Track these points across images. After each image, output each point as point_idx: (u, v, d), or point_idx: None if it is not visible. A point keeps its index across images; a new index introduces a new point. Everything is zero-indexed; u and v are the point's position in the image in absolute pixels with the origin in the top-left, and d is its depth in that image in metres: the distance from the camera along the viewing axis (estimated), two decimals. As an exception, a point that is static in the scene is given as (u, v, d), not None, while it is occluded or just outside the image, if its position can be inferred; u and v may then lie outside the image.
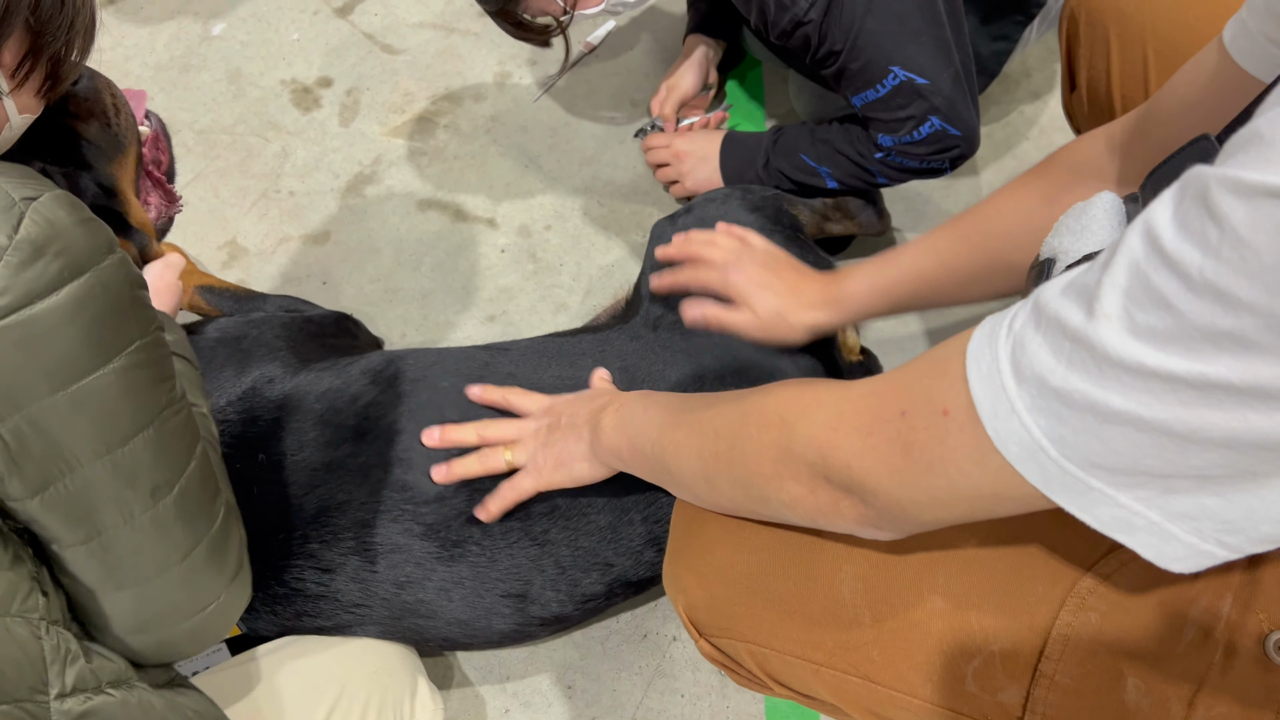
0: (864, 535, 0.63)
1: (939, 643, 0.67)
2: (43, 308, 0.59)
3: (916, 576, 0.68)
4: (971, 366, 0.50)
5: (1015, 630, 0.65)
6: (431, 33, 1.73)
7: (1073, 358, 0.44)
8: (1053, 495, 0.49)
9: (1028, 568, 0.66)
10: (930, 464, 0.54)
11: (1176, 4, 0.94)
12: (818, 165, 1.27)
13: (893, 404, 0.56)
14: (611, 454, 0.85)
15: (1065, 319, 0.45)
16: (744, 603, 0.73)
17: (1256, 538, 0.46)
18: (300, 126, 1.62)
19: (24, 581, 0.66)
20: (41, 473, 0.63)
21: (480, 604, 0.97)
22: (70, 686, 0.66)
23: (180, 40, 1.73)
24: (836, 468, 0.60)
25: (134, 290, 0.65)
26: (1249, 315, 0.38)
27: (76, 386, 0.61)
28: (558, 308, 1.42)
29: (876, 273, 0.95)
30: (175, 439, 0.69)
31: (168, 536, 0.70)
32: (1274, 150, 0.37)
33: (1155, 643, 0.62)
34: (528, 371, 1.05)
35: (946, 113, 1.13)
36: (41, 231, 0.58)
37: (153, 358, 0.66)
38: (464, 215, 1.51)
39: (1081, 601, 0.64)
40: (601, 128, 1.60)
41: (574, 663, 1.14)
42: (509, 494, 0.93)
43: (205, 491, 0.73)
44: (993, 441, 0.49)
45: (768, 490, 0.66)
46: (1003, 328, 0.49)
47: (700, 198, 1.21)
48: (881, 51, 1.12)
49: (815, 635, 0.70)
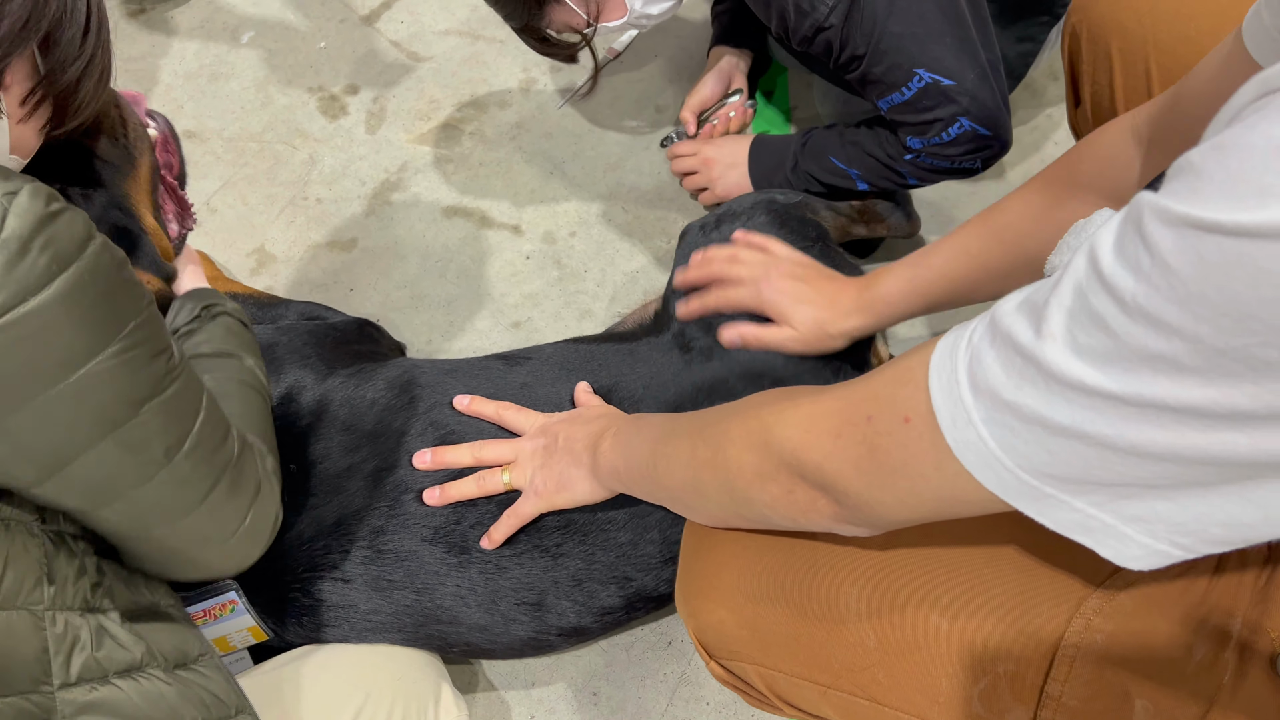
0: (842, 532, 0.65)
1: (945, 664, 0.67)
2: (37, 303, 0.59)
3: (921, 598, 0.69)
4: (933, 376, 0.52)
5: (1022, 650, 0.65)
6: (457, 40, 1.74)
7: (1023, 373, 0.46)
8: (1010, 500, 0.50)
9: (1032, 587, 0.66)
10: (894, 468, 0.56)
11: (1177, 16, 0.93)
12: (847, 168, 1.26)
13: (860, 409, 0.58)
14: (611, 475, 0.87)
15: (1016, 336, 0.47)
16: (750, 626, 0.74)
17: (1208, 539, 0.47)
18: (327, 134, 1.64)
19: (31, 570, 0.68)
20: (52, 458, 0.65)
21: (497, 610, 0.98)
22: (75, 676, 0.67)
23: (209, 49, 1.76)
24: (810, 468, 0.62)
25: (121, 272, 0.66)
26: (1179, 340, 0.39)
27: (79, 374, 0.63)
28: (582, 314, 1.43)
29: (910, 276, 0.95)
30: (180, 400, 0.71)
31: (186, 485, 0.74)
32: (1200, 182, 0.38)
33: (1164, 662, 0.63)
34: (545, 385, 1.06)
35: (976, 113, 1.12)
36: (25, 226, 0.59)
37: (149, 333, 0.67)
38: (489, 222, 1.53)
39: (1088, 622, 0.64)
40: (626, 134, 1.60)
41: (598, 670, 1.15)
42: (512, 521, 0.95)
43: (216, 436, 0.76)
44: (951, 449, 0.51)
45: (750, 492, 0.68)
46: (963, 340, 0.51)
47: (727, 205, 1.21)
48: (905, 54, 1.11)
49: (822, 657, 0.71)
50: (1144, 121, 0.78)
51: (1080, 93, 1.05)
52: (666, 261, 1.46)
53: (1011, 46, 1.31)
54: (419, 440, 1.00)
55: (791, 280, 1.02)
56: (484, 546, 0.96)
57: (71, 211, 0.63)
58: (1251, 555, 0.63)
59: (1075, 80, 1.06)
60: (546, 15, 1.23)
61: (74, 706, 0.67)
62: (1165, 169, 0.74)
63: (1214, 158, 0.38)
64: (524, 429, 0.98)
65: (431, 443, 0.99)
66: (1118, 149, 0.79)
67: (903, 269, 0.96)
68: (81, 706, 0.67)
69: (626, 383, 1.06)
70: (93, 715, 0.67)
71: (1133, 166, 0.78)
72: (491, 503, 0.97)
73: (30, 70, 0.72)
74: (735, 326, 1.04)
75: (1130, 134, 0.79)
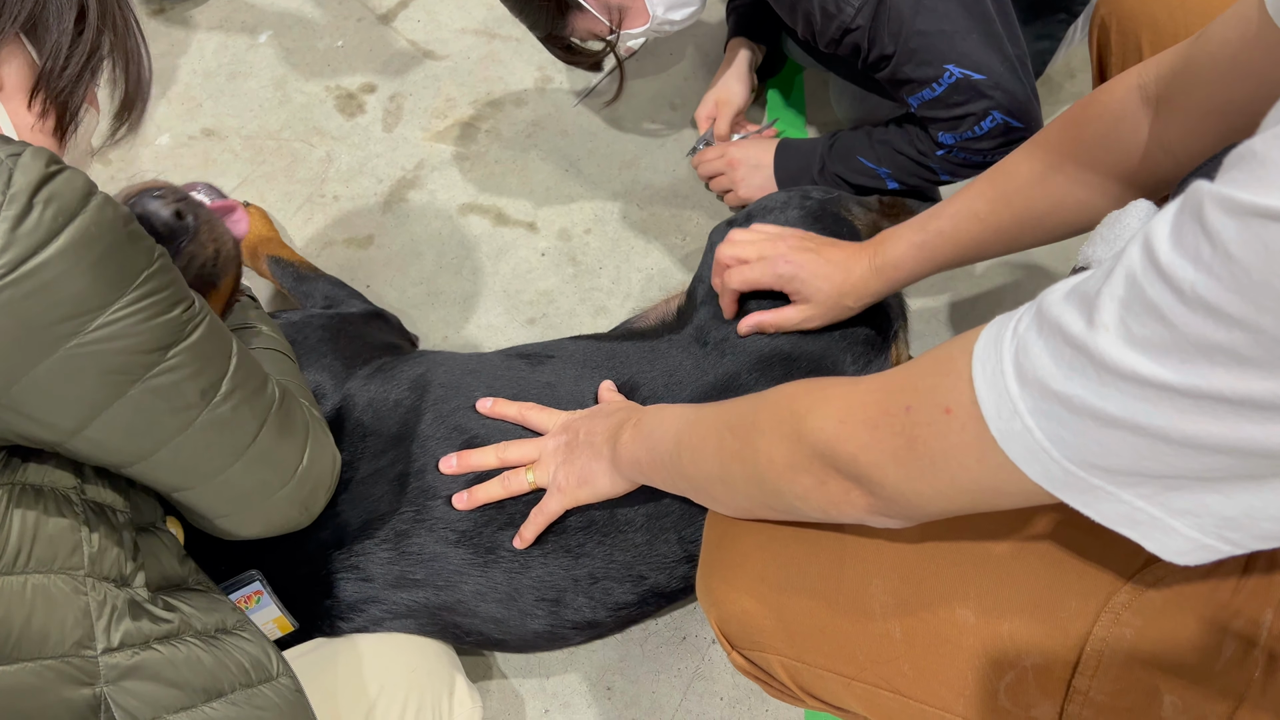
0: (875, 524, 0.65)
1: (971, 657, 0.66)
2: (47, 255, 0.61)
3: (948, 590, 0.68)
4: (977, 367, 0.51)
5: (1049, 645, 0.65)
6: (474, 39, 1.75)
7: (1073, 364, 0.45)
8: (1056, 492, 0.50)
9: (1060, 581, 0.66)
10: (933, 459, 0.55)
11: (1209, 11, 0.92)
12: (877, 167, 1.26)
13: (899, 399, 0.57)
14: (632, 466, 0.86)
15: (1066, 326, 0.46)
16: (775, 616, 0.74)
17: (1258, 534, 0.46)
18: (345, 132, 1.65)
19: (67, 536, 0.70)
20: (86, 407, 0.67)
21: (515, 605, 0.98)
22: (118, 641, 0.69)
23: (228, 48, 1.77)
24: (845, 459, 0.61)
25: (127, 225, 0.68)
26: (1239, 331, 0.39)
27: (98, 323, 0.65)
28: (597, 311, 1.43)
29: (919, 241, 0.95)
30: (206, 345, 0.73)
31: (231, 429, 0.76)
32: (1266, 170, 0.38)
33: (1193, 658, 0.62)
34: (568, 383, 1.06)
35: (1007, 105, 1.12)
36: (30, 182, 0.61)
37: (165, 281, 0.69)
38: (505, 219, 1.53)
39: (1116, 616, 0.63)
40: (641, 133, 1.61)
41: (613, 664, 1.16)
42: (539, 519, 0.95)
43: (255, 379, 0.79)
44: (996, 441, 0.50)
45: (781, 484, 0.67)
46: (1008, 330, 0.50)
47: (758, 203, 1.20)
48: (934, 51, 1.11)
49: (846, 649, 0.71)
50: (1152, 80, 0.77)
51: None
52: (682, 259, 1.47)
53: (1031, 44, 1.31)
54: (444, 445, 1.00)
55: (802, 252, 1.01)
56: (516, 546, 0.96)
57: (71, 170, 0.65)
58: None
59: (1103, 72, 1.05)
60: (569, 23, 1.24)
61: (117, 671, 0.68)
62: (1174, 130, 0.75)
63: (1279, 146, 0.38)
64: (547, 428, 0.98)
65: (456, 447, 1.00)
66: (1125, 108, 0.79)
67: (910, 233, 0.96)
68: (125, 671, 0.69)
69: (648, 380, 1.06)
70: (135, 680, 0.69)
71: (1140, 126, 0.78)
72: (519, 502, 0.97)
73: (28, 66, 0.73)
74: (750, 317, 1.04)
75: (1138, 92, 0.78)
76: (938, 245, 0.94)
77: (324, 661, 0.94)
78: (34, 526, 0.68)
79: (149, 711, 0.68)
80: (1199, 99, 0.72)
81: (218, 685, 0.73)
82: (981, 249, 0.93)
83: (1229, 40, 0.68)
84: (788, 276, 1.00)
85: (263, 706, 0.74)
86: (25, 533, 0.67)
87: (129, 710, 0.68)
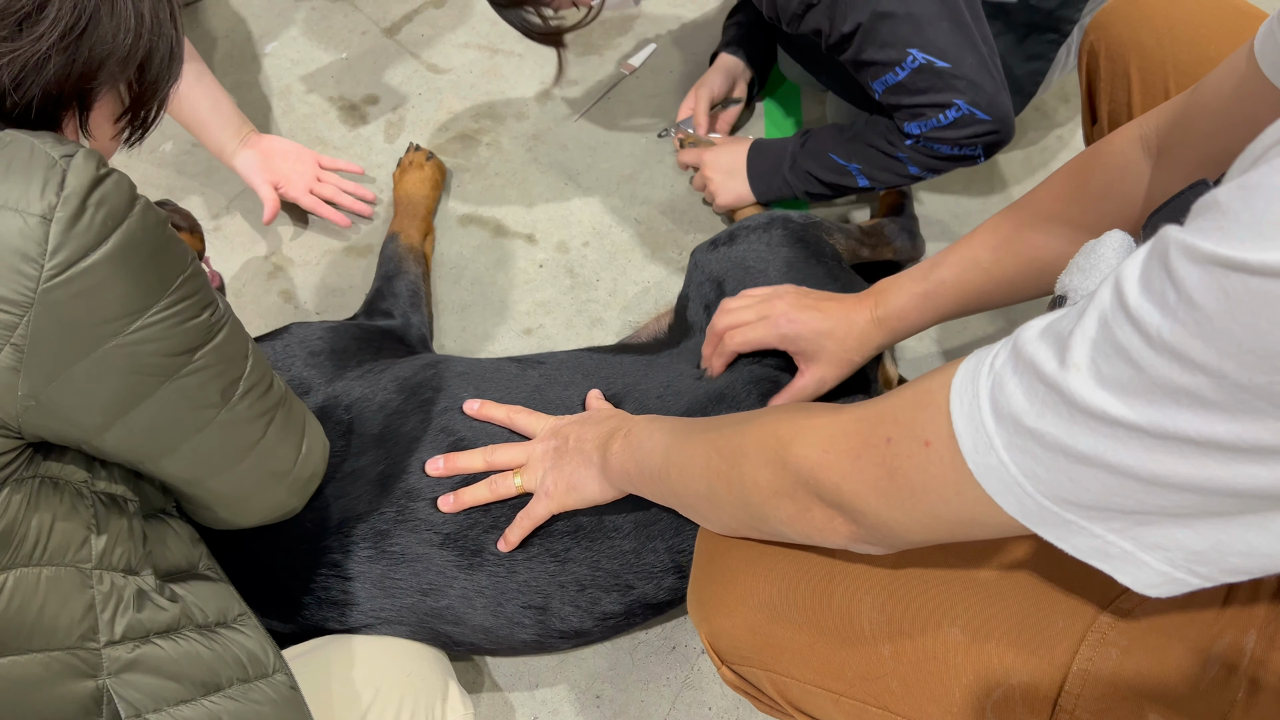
0: (858, 550, 0.65)
1: (959, 675, 0.67)
2: (96, 258, 0.63)
3: (936, 608, 0.69)
4: (955, 401, 0.52)
5: (1035, 664, 0.66)
6: (476, 53, 1.77)
7: (1045, 401, 0.46)
8: (1031, 525, 0.51)
9: (1047, 601, 0.67)
10: (913, 490, 0.56)
11: (1196, 38, 0.93)
12: (847, 163, 1.25)
13: (880, 431, 0.58)
14: (621, 476, 0.87)
15: (1039, 364, 0.47)
16: (765, 631, 0.74)
17: (1226, 568, 0.47)
18: (347, 142, 1.66)
19: (78, 530, 0.71)
20: (115, 405, 0.69)
21: (502, 613, 0.99)
22: (120, 634, 0.71)
23: (233, 58, 1.79)
24: (828, 488, 0.62)
25: (165, 230, 0.69)
26: (1203, 375, 0.40)
27: (135, 326, 0.67)
28: (594, 323, 1.45)
29: (922, 291, 0.95)
30: (229, 346, 0.75)
31: (245, 425, 0.79)
32: (1227, 220, 0.39)
33: (1177, 680, 0.63)
34: (557, 388, 1.07)
35: (973, 96, 1.10)
36: (83, 183, 0.63)
37: (196, 286, 0.71)
38: (504, 230, 1.55)
39: (1102, 636, 0.64)
40: (640, 147, 1.62)
41: (602, 672, 1.16)
42: (525, 522, 0.96)
43: (265, 379, 0.82)
44: (973, 474, 0.51)
45: (765, 509, 0.68)
46: (985, 365, 0.51)
47: (741, 224, 1.21)
48: (897, 34, 1.10)
49: (835, 665, 0.71)
50: (1152, 131, 0.78)
51: (1097, 110, 1.05)
52: (678, 271, 1.48)
53: (1021, 65, 1.32)
54: (430, 448, 1.00)
55: (803, 310, 1.00)
56: (500, 549, 0.97)
57: (119, 174, 0.66)
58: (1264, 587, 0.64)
59: (1092, 98, 1.06)
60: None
61: (119, 663, 0.69)
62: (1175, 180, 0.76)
63: (1240, 197, 0.39)
64: (535, 432, 0.99)
65: (443, 449, 1.00)
66: (1128, 159, 0.80)
67: (911, 284, 0.96)
68: (126, 663, 0.70)
69: (639, 392, 1.07)
70: (136, 672, 0.70)
71: (1144, 176, 0.79)
72: (505, 506, 0.98)
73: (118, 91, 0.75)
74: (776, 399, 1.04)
75: (1139, 144, 0.79)
76: (941, 295, 0.94)
77: (320, 663, 0.95)
78: (50, 519, 0.69)
79: (150, 704, 0.70)
80: (1197, 148, 0.74)
81: (215, 679, 0.75)
82: (984, 299, 0.93)
83: (1223, 91, 0.70)
84: (791, 336, 0.99)
85: (259, 701, 0.76)
86: (44, 526, 0.69)
87: (131, 702, 0.69)
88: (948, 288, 0.93)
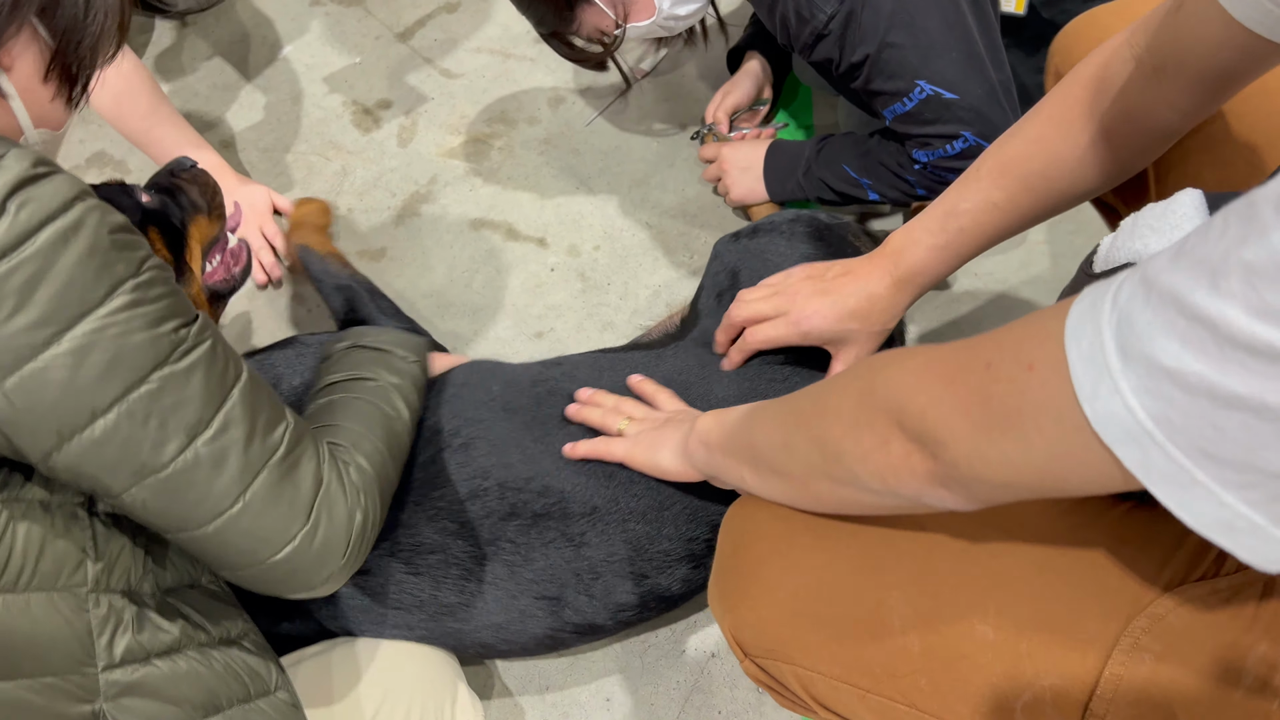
0: (930, 500, 0.60)
1: (988, 675, 0.65)
2: (17, 260, 0.59)
3: (967, 605, 0.67)
4: (1071, 345, 0.46)
5: (1067, 667, 0.64)
6: (489, 58, 1.77)
7: (1188, 336, 0.40)
8: (1151, 484, 0.44)
9: (1080, 601, 0.65)
10: (1007, 415, 0.51)
11: None
12: (859, 177, 1.26)
13: (980, 356, 0.54)
14: (701, 440, 0.86)
15: (1181, 294, 0.40)
16: (791, 625, 0.73)
17: None
18: (360, 146, 1.67)
19: (72, 553, 0.68)
20: (61, 423, 0.63)
21: (515, 605, 0.98)
22: (119, 658, 0.68)
23: (248, 62, 1.79)
24: (913, 414, 0.58)
25: (114, 234, 0.64)
26: None
27: (71, 334, 0.61)
28: (604, 326, 1.45)
29: (940, 243, 0.93)
30: (199, 374, 0.68)
31: (218, 472, 0.68)
32: None
33: (1210, 689, 0.61)
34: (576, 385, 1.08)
35: (979, 128, 1.10)
36: (5, 184, 0.59)
37: (150, 295, 0.65)
38: (516, 234, 1.55)
39: (1135, 641, 0.62)
40: (652, 151, 1.62)
41: (612, 676, 1.16)
42: (600, 446, 0.98)
43: (256, 423, 0.71)
44: (1090, 422, 0.45)
45: (843, 444, 0.64)
46: (1106, 300, 0.45)
47: (766, 220, 1.21)
48: (906, 65, 1.10)
49: (863, 661, 0.70)
50: (1144, 50, 0.76)
51: None
52: (690, 276, 1.48)
53: (1031, 77, 1.32)
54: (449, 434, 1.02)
55: (819, 297, 0.98)
56: (566, 453, 1.00)
57: (63, 175, 0.62)
58: None
59: None
60: (576, 19, 1.25)
61: (117, 687, 0.67)
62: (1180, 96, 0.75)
63: None
64: (665, 408, 1.01)
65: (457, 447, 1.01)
66: (1126, 77, 0.78)
67: (928, 237, 0.93)
68: (124, 688, 0.68)
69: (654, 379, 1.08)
70: (134, 697, 0.68)
71: (1147, 92, 0.77)
72: (523, 492, 0.98)
73: (38, 44, 0.70)
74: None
75: (1133, 63, 0.77)
76: (961, 243, 0.92)
77: (329, 666, 0.94)
78: (39, 543, 0.66)
79: None
80: (1194, 66, 0.73)
81: (215, 700, 0.73)
82: (1002, 234, 0.91)
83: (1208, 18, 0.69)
84: (814, 333, 0.98)
85: None
86: (30, 550, 0.65)
87: None
88: (967, 235, 0.91)
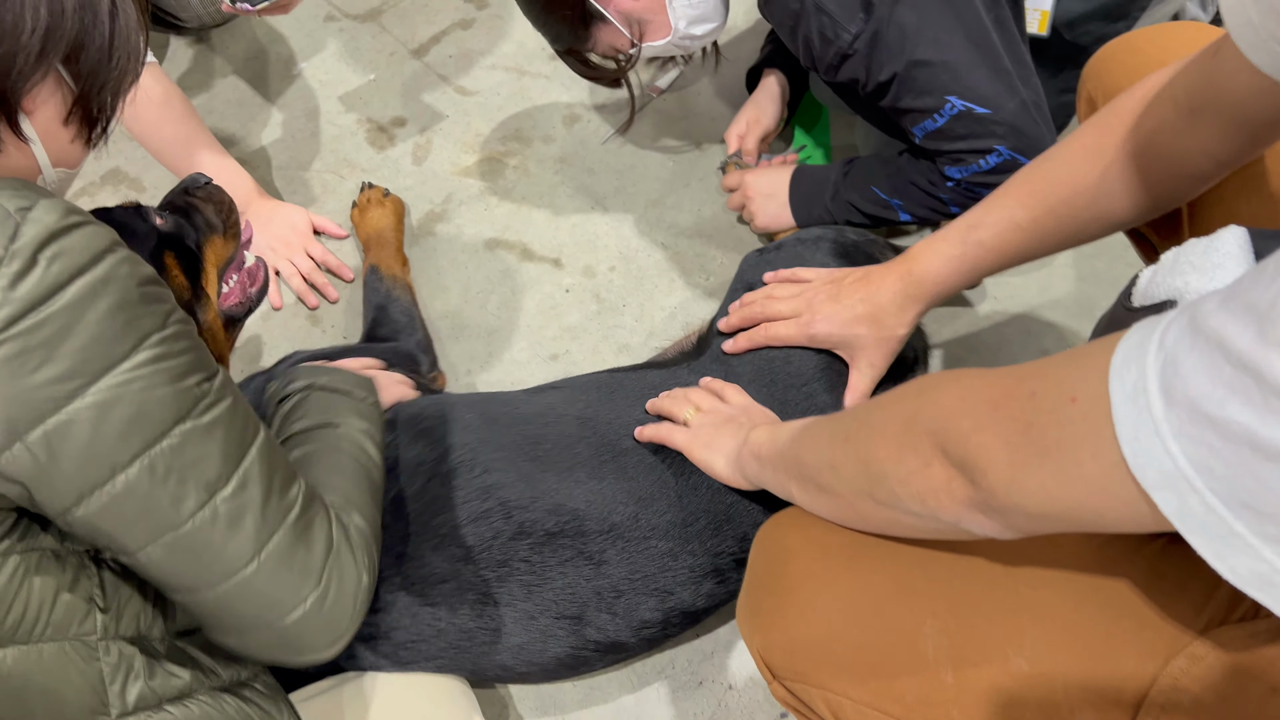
0: (969, 525, 0.61)
1: (1023, 708, 0.64)
2: (47, 313, 0.59)
3: (1003, 636, 0.66)
4: (1115, 382, 0.46)
5: (1103, 704, 0.63)
6: (504, 75, 1.77)
7: (1234, 383, 0.40)
8: (1188, 533, 0.44)
9: (1118, 637, 0.64)
10: (1046, 446, 0.51)
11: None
12: (890, 198, 1.25)
13: (1025, 385, 0.54)
14: (752, 455, 0.87)
15: (1228, 340, 0.40)
16: (823, 648, 0.72)
17: None
18: (374, 164, 1.67)
19: (81, 603, 0.67)
20: (83, 478, 0.62)
21: (535, 625, 0.97)
22: (132, 705, 0.68)
23: (262, 79, 1.79)
24: (956, 438, 0.58)
25: (142, 286, 0.64)
26: None
27: (97, 387, 0.61)
28: (620, 348, 1.44)
29: (958, 255, 0.94)
30: (220, 429, 0.68)
31: (235, 530, 0.68)
32: None
33: None
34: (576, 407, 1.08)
35: (1013, 141, 1.10)
36: (37, 237, 0.59)
37: (174, 350, 0.65)
38: (530, 254, 1.54)
39: (1174, 682, 0.61)
40: (668, 170, 1.62)
41: (629, 707, 1.14)
42: (664, 431, 0.99)
43: (273, 481, 0.71)
44: (1128, 463, 0.45)
45: (886, 465, 0.65)
46: (1153, 339, 0.45)
47: (793, 237, 1.20)
48: (935, 82, 1.10)
49: (895, 688, 0.69)
50: (1182, 92, 0.76)
51: None
52: (706, 297, 1.47)
53: (1054, 98, 1.31)
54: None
55: (833, 303, 1.00)
56: (635, 436, 1.01)
57: (91, 225, 0.62)
58: None
59: None
60: (592, 37, 1.25)
61: None
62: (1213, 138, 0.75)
63: None
64: (732, 402, 1.01)
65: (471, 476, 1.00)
66: (1162, 118, 0.78)
67: (947, 247, 0.94)
68: None
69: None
70: None
71: (1181, 133, 0.77)
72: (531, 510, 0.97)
73: (62, 90, 0.70)
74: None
75: (1170, 104, 0.77)
76: (979, 257, 0.92)
77: (340, 703, 0.92)
78: (53, 594, 0.66)
79: None
80: (1229, 113, 0.73)
81: None
82: (1022, 256, 0.92)
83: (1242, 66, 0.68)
84: (823, 337, 1.00)
85: None
86: (44, 601, 0.65)
87: None
88: (986, 249, 0.92)
